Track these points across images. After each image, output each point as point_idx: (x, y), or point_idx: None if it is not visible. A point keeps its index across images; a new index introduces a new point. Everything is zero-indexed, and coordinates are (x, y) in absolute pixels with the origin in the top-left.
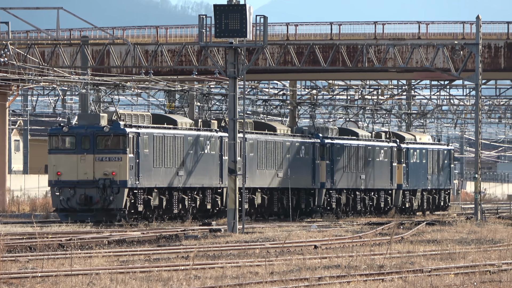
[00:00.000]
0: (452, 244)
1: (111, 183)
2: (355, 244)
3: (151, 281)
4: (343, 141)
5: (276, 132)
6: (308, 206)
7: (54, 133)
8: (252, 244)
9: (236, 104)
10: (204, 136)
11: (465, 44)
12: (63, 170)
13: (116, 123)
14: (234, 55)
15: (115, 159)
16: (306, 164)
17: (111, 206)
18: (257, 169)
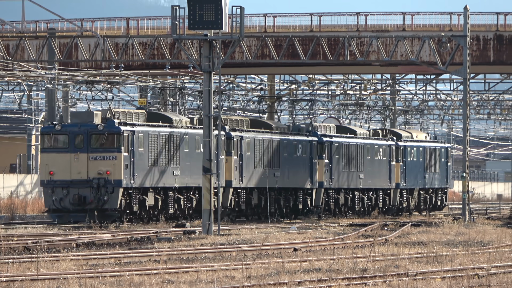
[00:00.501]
0: (438, 246)
1: (106, 182)
2: (337, 247)
3: (121, 285)
4: (342, 139)
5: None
6: (305, 206)
7: (47, 131)
8: (228, 247)
9: (211, 99)
10: (200, 134)
11: (453, 36)
12: (55, 170)
13: (110, 121)
14: (209, 48)
15: (110, 158)
16: (304, 163)
17: (105, 206)
18: (254, 168)
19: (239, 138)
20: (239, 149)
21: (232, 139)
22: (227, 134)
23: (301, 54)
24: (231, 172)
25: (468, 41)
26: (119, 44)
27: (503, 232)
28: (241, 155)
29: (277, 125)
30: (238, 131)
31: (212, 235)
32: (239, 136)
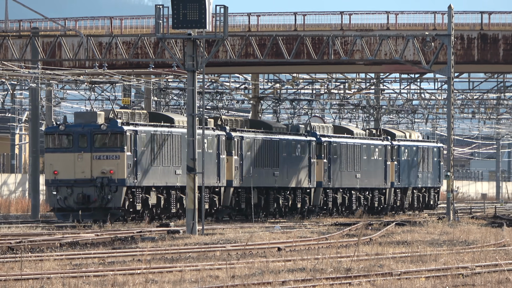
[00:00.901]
0: (423, 246)
1: (109, 181)
2: (321, 246)
3: (105, 285)
4: (340, 139)
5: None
6: (304, 205)
7: (51, 131)
8: (212, 246)
9: (195, 98)
10: (200, 134)
11: (437, 35)
12: (60, 169)
13: (113, 121)
14: (193, 47)
15: (113, 157)
16: (303, 163)
17: (109, 205)
18: (253, 168)
19: (240, 138)
20: (239, 149)
21: (232, 139)
22: (227, 134)
23: (285, 53)
24: (232, 172)
25: (452, 40)
26: (103, 43)
27: (487, 232)
28: (242, 155)
29: (276, 125)
30: (239, 131)
31: (196, 235)
32: (240, 136)
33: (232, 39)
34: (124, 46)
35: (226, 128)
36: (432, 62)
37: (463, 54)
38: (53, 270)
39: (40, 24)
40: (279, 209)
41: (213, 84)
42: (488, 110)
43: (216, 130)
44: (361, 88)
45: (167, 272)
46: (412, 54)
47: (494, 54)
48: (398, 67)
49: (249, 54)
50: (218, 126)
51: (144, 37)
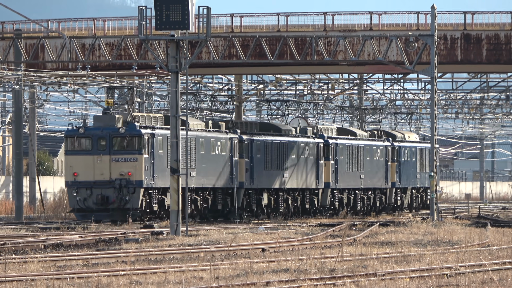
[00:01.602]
0: (407, 246)
1: (127, 183)
2: (305, 247)
3: (89, 287)
4: (346, 141)
5: (281, 133)
6: (312, 206)
7: (71, 134)
8: (196, 248)
9: (178, 100)
10: (215, 137)
11: (420, 35)
12: (79, 171)
13: (131, 125)
14: (176, 49)
15: (131, 160)
16: (311, 164)
17: (127, 206)
18: (264, 170)
19: (250, 141)
20: (250, 152)
21: (243, 142)
22: (239, 137)
23: (268, 54)
24: (243, 174)
25: (436, 40)
26: (86, 44)
27: (471, 232)
28: (252, 157)
29: (285, 128)
30: (249, 134)
31: (180, 236)
32: (250, 139)
33: (215, 40)
34: (107, 48)
35: (237, 131)
36: (415, 63)
37: (446, 54)
38: (37, 272)
39: (23, 26)
40: (288, 209)
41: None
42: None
43: (229, 133)
44: (345, 89)
45: (151, 273)
46: (395, 54)
47: (478, 54)
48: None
49: (233, 55)
50: (229, 129)
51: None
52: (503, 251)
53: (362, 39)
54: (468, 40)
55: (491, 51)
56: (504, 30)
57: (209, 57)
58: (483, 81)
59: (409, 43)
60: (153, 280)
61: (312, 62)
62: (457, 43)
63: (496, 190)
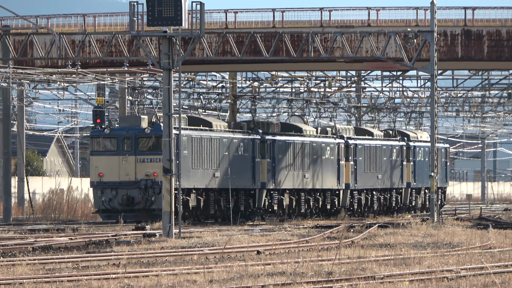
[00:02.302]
0: (406, 249)
1: (153, 183)
2: (301, 249)
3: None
4: (364, 141)
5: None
6: (333, 206)
7: (96, 135)
8: (190, 250)
9: (171, 98)
10: (238, 138)
11: (419, 31)
12: (105, 171)
13: (157, 125)
14: (169, 45)
15: (156, 160)
16: (332, 165)
17: (152, 206)
18: (285, 170)
19: (272, 141)
20: (272, 152)
21: (265, 142)
22: (261, 138)
23: (263, 51)
24: (265, 174)
25: (435, 36)
26: (76, 41)
27: (472, 234)
28: (274, 158)
29: (306, 128)
30: (271, 134)
31: (173, 238)
32: (272, 140)
33: (209, 36)
34: (97, 44)
35: (259, 131)
36: (415, 59)
37: (446, 51)
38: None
39: (11, 22)
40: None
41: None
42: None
43: (251, 133)
44: (342, 86)
45: (143, 276)
46: (394, 51)
47: (479, 51)
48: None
49: (227, 52)
50: (251, 129)
51: (118, 35)
52: (505, 254)
53: (360, 36)
54: (468, 36)
55: (492, 48)
56: (506, 26)
57: (202, 54)
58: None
59: (408, 39)
60: (145, 283)
61: (308, 59)
62: (458, 40)
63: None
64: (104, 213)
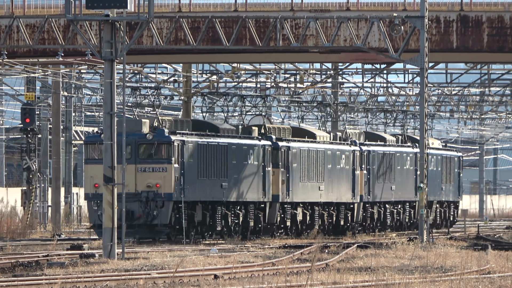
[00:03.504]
0: (390, 273)
1: (155, 196)
2: (267, 273)
3: None
4: (377, 147)
5: (316, 139)
6: (346, 222)
7: (91, 141)
8: (135, 274)
9: (113, 93)
10: (247, 144)
11: (407, 17)
12: (101, 182)
13: (160, 130)
14: (111, 32)
15: (160, 170)
16: (346, 175)
17: (154, 221)
18: (299, 181)
19: (286, 149)
20: (285, 161)
21: (279, 150)
22: (273, 144)
23: (223, 39)
24: (278, 186)
25: (426, 23)
26: (1, 26)
27: (468, 256)
28: (288, 167)
29: (320, 134)
30: (285, 140)
31: (115, 259)
32: (286, 146)
33: (159, 21)
34: (27, 30)
35: (272, 137)
36: (402, 50)
37: (439, 40)
38: None
39: None
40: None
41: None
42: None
43: (262, 139)
44: (316, 82)
45: None
46: (377, 40)
47: (477, 40)
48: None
49: (180, 40)
50: (261, 135)
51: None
52: (506, 280)
53: (337, 21)
54: (465, 23)
55: (493, 37)
56: (510, 11)
57: (151, 42)
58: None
59: (394, 26)
60: None
61: (276, 49)
62: (452, 27)
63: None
64: (100, 228)
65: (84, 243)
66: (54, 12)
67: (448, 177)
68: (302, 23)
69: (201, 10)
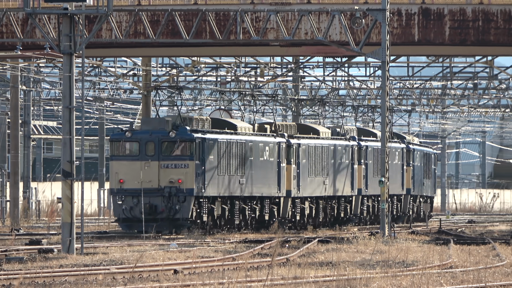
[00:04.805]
0: (351, 268)
1: (177, 191)
2: (227, 268)
3: None
4: (373, 143)
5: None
6: (346, 214)
7: (116, 138)
8: (94, 269)
9: (72, 87)
10: (263, 141)
11: (368, 10)
12: (125, 178)
13: (182, 128)
14: (70, 25)
15: (182, 166)
16: (346, 169)
17: (177, 216)
18: (308, 177)
19: (297, 145)
20: (296, 157)
21: (292, 147)
22: (287, 141)
23: (183, 32)
24: (291, 181)
25: (388, 16)
26: None
27: (430, 250)
28: (299, 163)
29: (323, 130)
30: (295, 138)
31: (74, 255)
32: (297, 143)
33: (118, 15)
34: None
35: (284, 134)
36: (363, 43)
37: (400, 33)
38: None
39: None
40: (327, 219)
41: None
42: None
43: (277, 137)
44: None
45: None
46: (338, 33)
47: (439, 33)
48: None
49: (139, 33)
50: (274, 131)
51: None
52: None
53: (298, 15)
54: (427, 16)
55: (455, 30)
56: (472, 4)
57: (110, 35)
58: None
59: (355, 19)
60: None
61: (236, 42)
62: (414, 20)
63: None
64: (124, 222)
65: (43, 238)
66: (13, 5)
67: (427, 173)
68: (263, 16)
69: (160, 3)
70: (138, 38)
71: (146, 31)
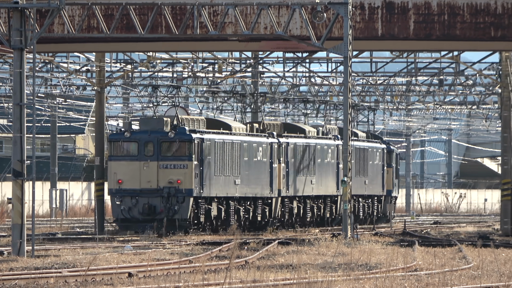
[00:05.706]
0: (312, 270)
1: (176, 191)
2: (183, 271)
3: None
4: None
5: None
6: (331, 215)
7: (115, 138)
8: (45, 272)
9: (23, 84)
10: (256, 142)
11: (330, 3)
12: (124, 178)
13: (181, 128)
14: (21, 19)
15: (181, 167)
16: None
17: (175, 216)
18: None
19: (286, 144)
20: (285, 156)
21: (281, 146)
22: (278, 141)
23: (138, 27)
24: (280, 181)
25: (350, 9)
26: None
27: (394, 252)
28: (288, 162)
29: (309, 129)
30: (284, 137)
31: (25, 257)
32: (286, 142)
33: (71, 8)
34: None
35: (274, 134)
36: (324, 38)
37: (363, 28)
38: None
39: None
40: (314, 219)
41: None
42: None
43: (269, 137)
44: (235, 71)
45: None
46: (299, 27)
47: (403, 28)
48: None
49: (92, 28)
50: (263, 131)
51: None
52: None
53: (257, 8)
54: (391, 9)
55: (420, 24)
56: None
57: (63, 30)
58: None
59: (317, 13)
60: None
61: (193, 37)
62: (377, 14)
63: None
64: (123, 222)
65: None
66: None
67: (398, 174)
68: (221, 10)
69: None
70: (92, 33)
71: (99, 26)
